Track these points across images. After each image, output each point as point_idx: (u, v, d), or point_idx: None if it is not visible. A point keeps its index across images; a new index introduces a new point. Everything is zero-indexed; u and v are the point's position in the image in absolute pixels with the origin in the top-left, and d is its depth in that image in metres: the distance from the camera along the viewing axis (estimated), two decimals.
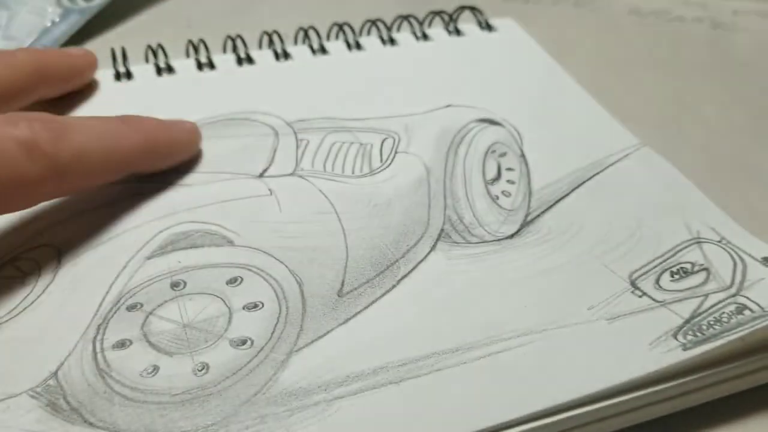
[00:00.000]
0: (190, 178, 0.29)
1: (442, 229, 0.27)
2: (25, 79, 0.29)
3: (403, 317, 0.24)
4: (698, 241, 0.26)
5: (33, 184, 0.23)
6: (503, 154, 0.31)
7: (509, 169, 0.30)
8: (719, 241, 0.26)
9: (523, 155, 0.31)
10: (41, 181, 0.23)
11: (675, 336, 0.23)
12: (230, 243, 0.26)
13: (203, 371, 0.22)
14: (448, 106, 0.33)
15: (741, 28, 0.43)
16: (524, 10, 0.41)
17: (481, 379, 0.21)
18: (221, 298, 0.24)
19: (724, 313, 0.23)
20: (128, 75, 0.35)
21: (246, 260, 0.25)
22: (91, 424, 0.20)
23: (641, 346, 0.23)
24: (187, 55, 0.36)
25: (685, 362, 0.22)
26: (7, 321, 0.23)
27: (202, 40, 0.36)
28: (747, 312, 0.23)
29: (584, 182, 0.29)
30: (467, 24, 0.40)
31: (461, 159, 0.30)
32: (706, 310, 0.24)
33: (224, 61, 0.36)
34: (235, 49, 0.37)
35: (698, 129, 0.35)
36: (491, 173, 0.30)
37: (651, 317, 0.24)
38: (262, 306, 0.24)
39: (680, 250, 0.26)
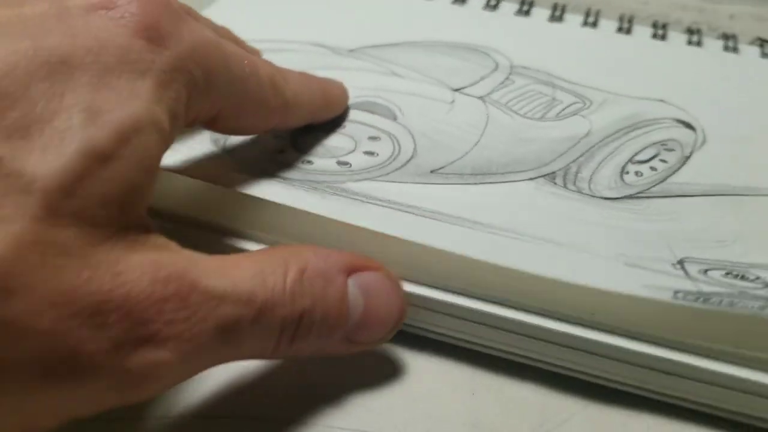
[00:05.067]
0: (405, 73, 0.36)
1: (554, 172, 0.30)
2: None
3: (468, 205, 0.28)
4: None
5: (271, 111, 0.28)
6: (670, 150, 0.32)
7: (663, 161, 0.31)
8: None
9: (688, 157, 0.31)
10: (275, 110, 0.28)
11: (676, 293, 0.23)
12: (394, 119, 0.33)
13: None
14: (660, 100, 0.35)
15: (737, 32, 0.43)
16: None
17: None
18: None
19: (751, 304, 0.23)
20: None
21: (390, 129, 0.32)
22: None
23: (636, 282, 0.24)
24: None
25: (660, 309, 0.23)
26: None
27: None
28: None
29: (723, 195, 0.29)
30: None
31: (628, 137, 0.32)
32: (728, 294, 0.23)
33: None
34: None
35: None
36: (643, 155, 0.31)
37: (668, 278, 0.24)
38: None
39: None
